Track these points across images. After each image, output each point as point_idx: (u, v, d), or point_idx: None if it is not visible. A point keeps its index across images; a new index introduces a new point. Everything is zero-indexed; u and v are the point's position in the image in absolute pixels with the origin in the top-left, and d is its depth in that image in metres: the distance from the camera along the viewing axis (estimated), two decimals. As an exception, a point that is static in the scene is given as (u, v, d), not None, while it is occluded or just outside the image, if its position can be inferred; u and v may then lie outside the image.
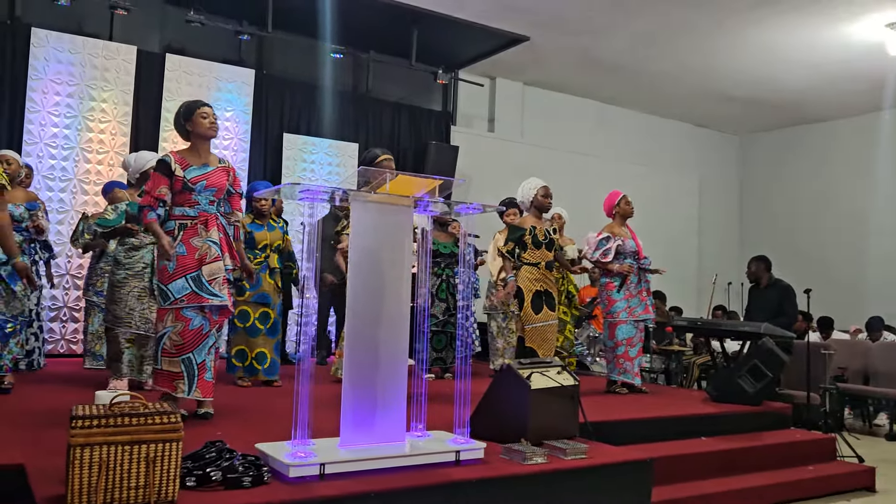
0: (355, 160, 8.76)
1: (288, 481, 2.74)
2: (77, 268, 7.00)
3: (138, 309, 4.69)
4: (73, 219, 6.99)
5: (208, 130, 3.90)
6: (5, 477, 2.80)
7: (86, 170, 7.18)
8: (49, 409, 4.12)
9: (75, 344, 6.94)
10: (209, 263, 3.80)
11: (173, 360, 3.75)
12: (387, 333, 3.16)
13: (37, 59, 7.03)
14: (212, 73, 7.92)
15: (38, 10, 7.23)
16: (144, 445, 2.39)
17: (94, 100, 7.26)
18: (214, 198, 3.92)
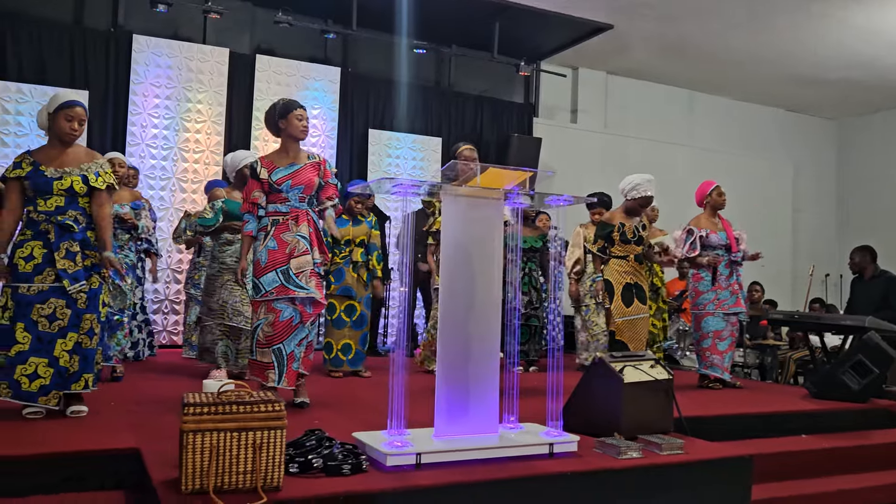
0: (439, 154, 8.83)
1: (385, 470, 2.80)
2: (177, 262, 7.33)
3: (230, 301, 4.88)
4: (173, 216, 7.33)
5: (300, 133, 4.04)
6: (122, 460, 2.97)
7: (183, 168, 7.51)
8: (157, 396, 4.35)
9: (176, 335, 7.28)
10: (297, 257, 3.93)
11: (265, 350, 3.89)
12: (478, 326, 3.18)
13: (138, 64, 7.39)
14: (299, 72, 8.13)
15: (138, 18, 7.59)
16: (251, 433, 2.49)
17: (190, 101, 7.57)
18: (304, 194, 4.03)
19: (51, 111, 3.60)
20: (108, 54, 7.38)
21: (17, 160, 3.59)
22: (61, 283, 3.50)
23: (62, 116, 3.58)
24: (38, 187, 3.54)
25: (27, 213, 3.60)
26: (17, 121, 6.88)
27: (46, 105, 3.65)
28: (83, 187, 3.59)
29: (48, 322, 3.48)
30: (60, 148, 3.64)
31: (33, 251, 3.50)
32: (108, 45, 7.39)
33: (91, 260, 3.61)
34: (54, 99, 3.64)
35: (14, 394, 3.44)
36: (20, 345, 3.45)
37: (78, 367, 3.55)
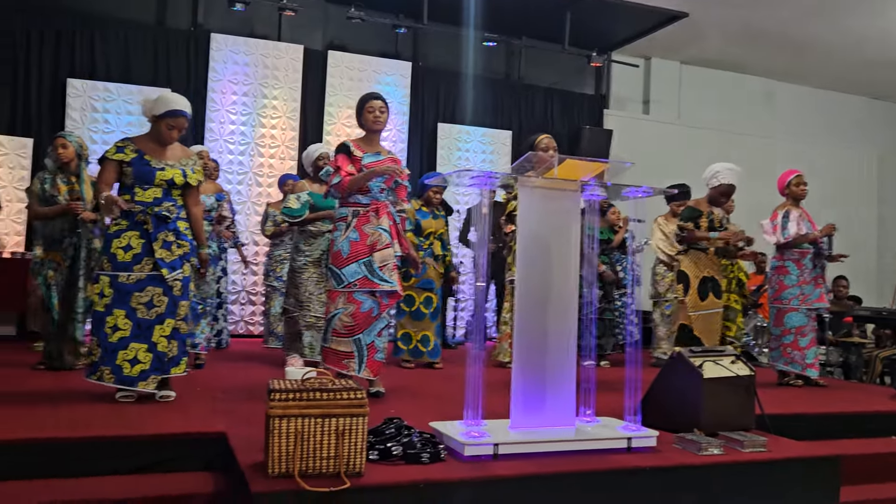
0: (509, 148, 8.80)
1: (463, 459, 2.82)
2: (253, 255, 7.53)
3: (316, 293, 5.00)
4: (250, 209, 7.54)
5: (372, 125, 4.10)
6: (210, 444, 3.09)
7: (259, 163, 7.71)
8: (239, 383, 4.50)
9: (252, 325, 7.51)
10: (380, 250, 3.98)
11: (344, 340, 3.96)
12: (555, 318, 3.17)
13: (216, 62, 7.62)
14: (371, 67, 8.23)
15: (216, 17, 7.82)
16: (334, 419, 2.55)
17: (266, 97, 7.76)
18: (385, 185, 4.09)
19: (156, 114, 3.72)
20: (188, 53, 7.64)
21: (120, 145, 3.73)
22: (158, 272, 3.65)
23: (165, 124, 3.72)
24: (141, 176, 3.68)
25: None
26: (105, 118, 7.19)
27: (154, 102, 3.75)
28: (182, 181, 3.75)
29: (146, 309, 3.64)
30: (159, 144, 3.78)
31: (131, 241, 3.65)
32: (188, 44, 7.65)
33: (183, 249, 3.76)
34: (162, 101, 3.75)
35: (117, 378, 3.60)
36: (121, 331, 3.60)
37: (176, 351, 3.71)
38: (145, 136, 3.81)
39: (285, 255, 5.94)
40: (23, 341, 6.14)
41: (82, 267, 4.67)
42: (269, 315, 6.25)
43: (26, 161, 6.97)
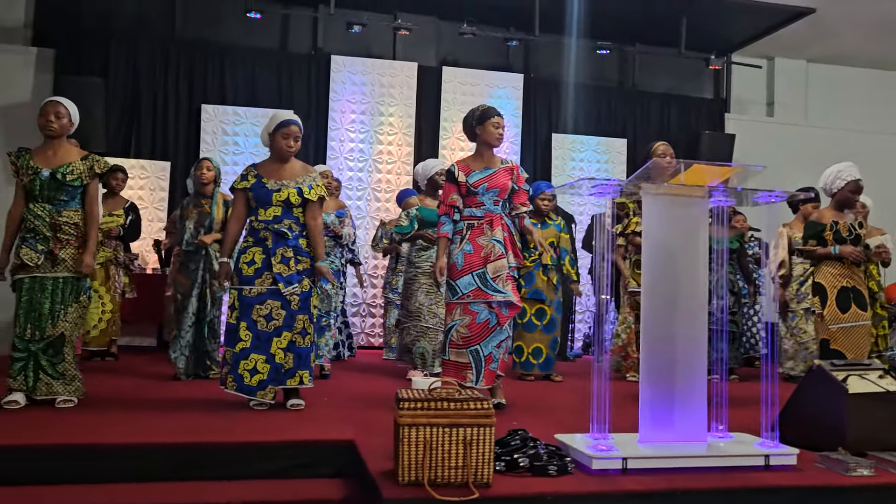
0: (624, 156, 8.64)
1: (591, 473, 2.77)
2: (372, 268, 7.75)
3: (427, 304, 5.08)
4: (368, 224, 7.76)
5: (496, 140, 4.12)
6: (340, 451, 3.18)
7: (377, 179, 7.94)
8: (364, 393, 4.63)
9: (373, 337, 7.71)
10: (494, 261, 3.99)
11: (461, 351, 3.98)
12: (684, 330, 3.07)
13: (335, 83, 7.92)
14: (483, 80, 8.31)
15: (335, 40, 8.14)
16: (462, 429, 2.57)
17: (383, 115, 7.99)
18: (498, 198, 4.10)
19: (270, 131, 3.96)
20: (309, 75, 7.98)
21: (244, 173, 3.98)
22: (277, 286, 3.83)
23: (279, 135, 3.93)
24: (259, 198, 3.90)
25: (249, 221, 3.98)
26: (234, 140, 7.63)
27: (266, 125, 4.00)
28: (298, 199, 3.92)
29: (265, 321, 3.83)
30: (280, 163, 3.98)
31: (254, 257, 3.87)
32: (309, 66, 8.00)
33: (303, 265, 3.92)
34: (273, 119, 3.99)
35: (238, 387, 3.82)
36: (243, 342, 3.82)
37: (292, 364, 3.87)
38: (267, 161, 4.03)
39: (401, 267, 6.07)
40: (163, 352, 6.57)
41: (197, 287, 4.94)
42: (386, 327, 6.40)
43: (165, 183, 7.48)
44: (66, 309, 3.75)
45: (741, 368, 6.15)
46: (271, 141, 3.96)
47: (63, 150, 3.87)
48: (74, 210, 3.84)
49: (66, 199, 3.81)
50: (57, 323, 3.73)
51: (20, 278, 3.73)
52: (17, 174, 3.80)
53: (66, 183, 3.78)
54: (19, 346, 3.71)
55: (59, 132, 3.85)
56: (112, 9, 7.46)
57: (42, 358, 3.72)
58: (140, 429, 3.33)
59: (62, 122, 3.85)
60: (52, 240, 3.74)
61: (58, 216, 3.77)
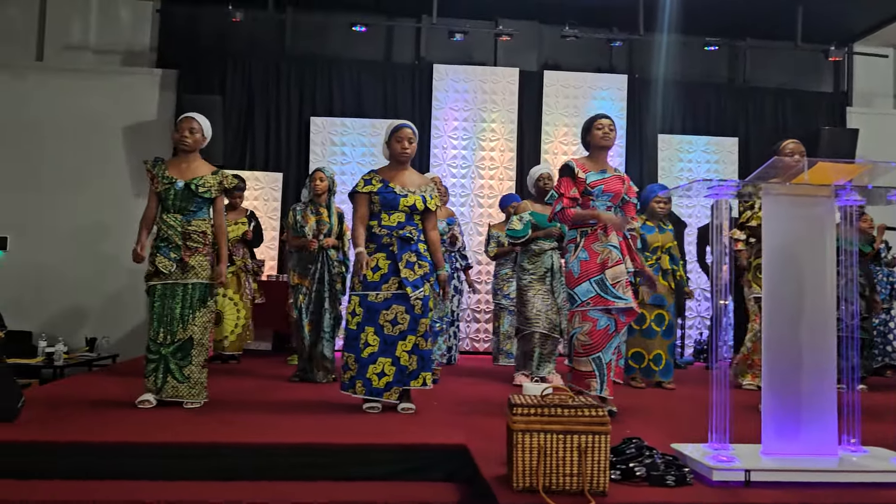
0: (735, 156, 8.30)
1: (711, 484, 2.67)
2: (476, 273, 7.78)
3: (544, 310, 5.05)
4: (472, 230, 7.81)
5: (601, 140, 4.06)
6: (452, 455, 3.21)
7: (480, 185, 7.98)
8: (473, 398, 4.65)
9: (478, 342, 7.74)
10: (612, 267, 3.92)
11: (583, 359, 3.93)
12: (810, 337, 2.91)
13: (438, 91, 8.03)
14: (586, 83, 8.20)
15: (437, 49, 8.25)
16: (576, 436, 2.53)
17: (485, 121, 8.03)
18: (611, 203, 4.04)
19: (386, 139, 4.06)
20: (412, 85, 8.13)
21: (367, 177, 4.07)
22: (402, 291, 3.92)
23: (394, 139, 4.04)
24: (386, 202, 3.99)
25: (370, 228, 4.04)
26: (342, 150, 7.86)
27: (384, 135, 4.11)
28: (422, 206, 4.01)
29: (391, 326, 3.92)
30: (400, 169, 4.08)
31: (379, 262, 3.96)
32: (412, 76, 8.14)
33: (423, 270, 4.00)
34: (387, 128, 4.10)
35: (367, 390, 3.91)
36: (371, 347, 3.92)
37: (416, 365, 3.95)
38: (387, 168, 4.12)
39: (511, 273, 6.07)
40: (278, 355, 6.85)
41: (326, 290, 5.10)
42: (498, 333, 6.41)
43: (277, 193, 7.80)
44: (195, 313, 3.97)
45: (870, 378, 5.78)
46: (389, 147, 4.06)
47: (196, 164, 4.12)
48: (202, 220, 4.07)
49: (195, 210, 4.05)
50: (187, 327, 3.95)
51: (154, 284, 3.98)
52: (152, 181, 4.06)
53: (197, 194, 4.02)
54: (152, 349, 3.96)
55: (192, 146, 4.10)
56: (228, 31, 7.86)
57: (171, 361, 3.94)
58: (260, 429, 3.47)
59: (195, 137, 4.09)
60: (182, 248, 3.97)
61: (188, 225, 4.01)
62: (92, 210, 7.71)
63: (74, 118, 7.75)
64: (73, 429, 3.35)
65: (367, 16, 7.91)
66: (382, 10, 8.12)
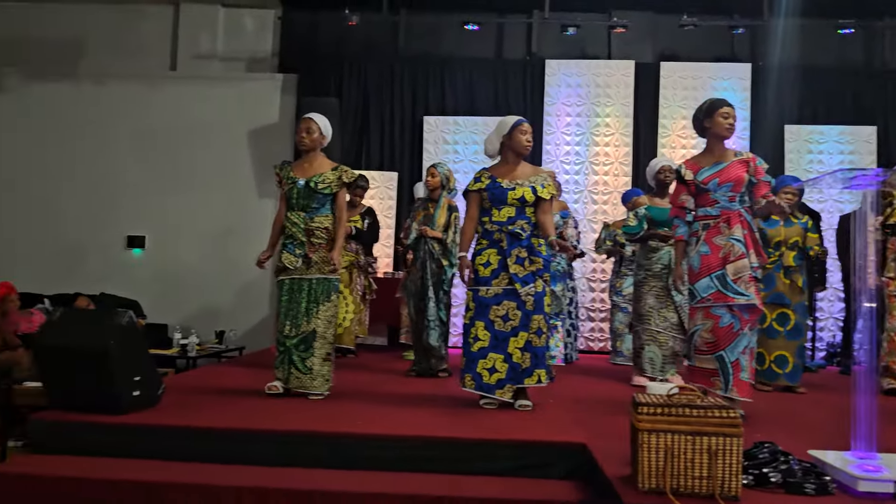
0: (873, 146, 7.73)
1: (856, 495, 2.49)
2: (591, 272, 7.65)
3: (657, 308, 4.91)
4: (585, 227, 7.67)
5: (726, 131, 3.88)
6: (571, 453, 3.16)
7: (594, 181, 7.83)
8: (591, 396, 4.59)
9: (593, 341, 7.61)
10: (733, 262, 3.74)
11: (705, 357, 3.78)
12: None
13: (550, 87, 7.94)
14: (706, 73, 7.88)
15: (549, 44, 8.17)
16: (706, 437, 2.43)
17: (599, 116, 7.87)
18: (734, 193, 3.84)
19: (504, 133, 4.02)
20: (524, 81, 8.08)
21: (477, 176, 4.08)
22: (513, 287, 3.88)
23: (517, 132, 4.00)
24: (494, 198, 3.97)
25: (482, 223, 4.04)
26: (455, 149, 7.93)
27: (496, 131, 4.08)
28: (532, 197, 3.96)
29: (502, 322, 3.90)
30: (513, 164, 4.05)
31: (489, 258, 3.95)
32: (524, 72, 8.09)
33: (536, 265, 3.94)
34: (503, 123, 4.06)
35: (477, 385, 3.91)
36: (481, 342, 3.91)
37: (529, 363, 3.89)
38: (499, 164, 4.10)
39: (626, 270, 5.93)
40: (394, 350, 6.99)
41: (430, 278, 5.14)
42: (613, 331, 6.28)
43: (392, 192, 7.96)
44: (319, 307, 4.11)
45: None
46: (510, 140, 4.01)
47: (317, 162, 4.26)
48: (325, 216, 4.20)
49: (317, 207, 4.19)
50: (311, 320, 4.10)
51: (282, 279, 4.16)
52: (280, 184, 4.25)
53: (317, 191, 4.16)
54: (280, 341, 4.14)
55: (311, 146, 4.25)
56: (344, 35, 8.10)
57: (294, 353, 4.10)
58: (380, 420, 3.55)
59: (313, 137, 4.24)
60: (307, 244, 4.12)
61: (311, 222, 4.16)
62: (220, 210, 8.15)
63: (204, 123, 8.22)
64: (207, 415, 3.55)
65: (478, 14, 7.93)
66: (494, 7, 8.12)
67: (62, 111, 8.30)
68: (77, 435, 3.31)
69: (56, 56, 8.39)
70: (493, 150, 4.10)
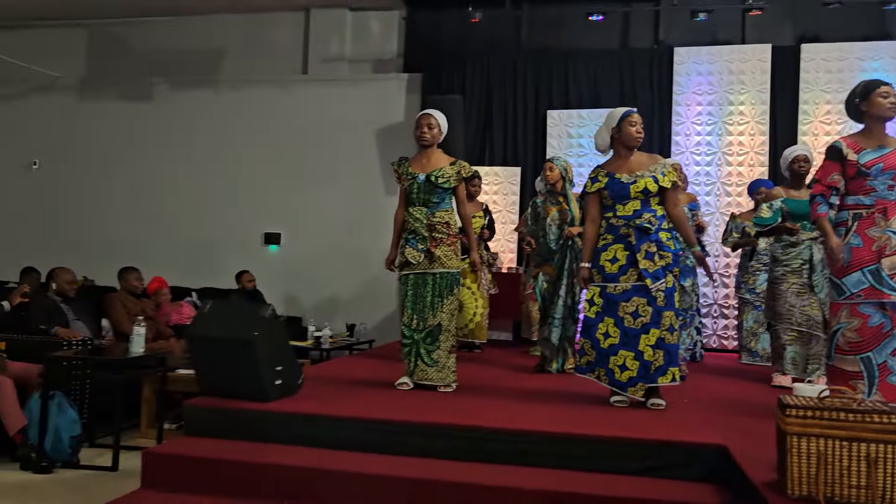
0: None
1: None
2: (724, 266, 7.32)
3: (798, 305, 4.64)
4: (718, 220, 7.35)
5: (887, 111, 3.57)
6: (708, 455, 3.05)
7: (727, 172, 7.48)
8: (724, 396, 4.40)
9: (726, 339, 7.28)
10: (889, 256, 3.46)
11: (848, 357, 3.53)
12: None
13: (679, 76, 7.66)
14: (852, 53, 7.34)
15: (678, 31, 7.89)
16: (864, 444, 2.28)
17: (732, 104, 7.51)
18: (893, 182, 3.55)
19: (613, 125, 3.92)
20: (651, 71, 7.83)
21: (593, 175, 3.99)
22: (642, 282, 3.78)
23: (627, 123, 3.88)
24: (616, 194, 3.87)
25: (606, 219, 3.95)
26: (579, 143, 7.81)
27: (605, 124, 3.98)
28: (655, 187, 3.83)
29: (632, 319, 3.79)
30: (626, 157, 3.94)
31: (616, 254, 3.85)
32: (651, 62, 7.85)
33: (665, 260, 3.81)
34: (612, 116, 3.95)
35: (609, 381, 3.84)
36: (611, 338, 3.82)
37: (662, 361, 3.77)
38: (612, 159, 4.00)
39: (759, 266, 5.64)
40: (519, 345, 6.99)
41: (565, 277, 5.08)
42: (742, 329, 5.99)
43: (515, 187, 7.95)
44: (444, 301, 4.18)
45: None
46: (620, 132, 3.90)
47: (435, 157, 4.33)
48: (445, 211, 4.27)
49: (437, 202, 4.26)
50: (436, 314, 4.17)
51: (406, 274, 4.25)
52: (399, 180, 4.35)
53: (438, 186, 4.22)
54: (406, 335, 4.23)
55: (430, 141, 4.32)
56: (467, 32, 8.17)
57: (421, 346, 4.18)
58: (510, 415, 3.55)
59: (433, 132, 4.31)
60: (428, 239, 4.20)
61: (432, 217, 4.23)
62: (349, 207, 8.44)
63: (333, 124, 8.53)
64: (345, 404, 3.68)
65: (603, 4, 7.77)
66: (619, -4, 7.95)
67: (204, 116, 8.87)
68: (226, 420, 3.53)
69: (198, 65, 8.97)
70: (605, 145, 4.00)
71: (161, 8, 8.80)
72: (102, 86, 9.18)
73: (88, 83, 9.25)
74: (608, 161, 4.03)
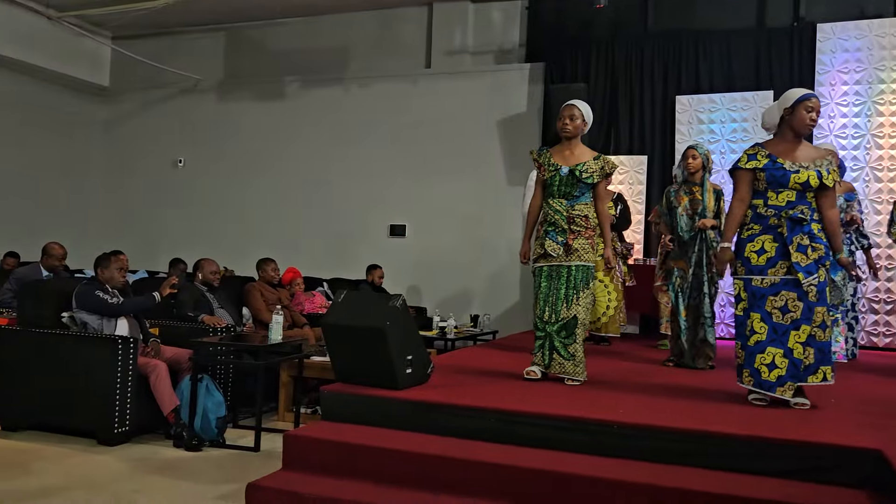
0: None
1: None
2: (874, 258, 6.80)
3: None
4: (867, 207, 6.84)
5: None
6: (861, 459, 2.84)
7: (878, 156, 6.93)
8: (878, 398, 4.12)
9: (876, 336, 6.74)
10: None
11: None
12: None
13: (822, 54, 7.17)
14: None
15: (820, 5, 7.38)
16: None
17: (884, 82, 6.95)
18: None
19: (787, 106, 3.65)
20: (790, 50, 7.38)
21: (751, 152, 3.71)
22: (793, 276, 3.55)
23: (802, 108, 3.61)
24: (773, 179, 3.61)
25: (754, 207, 3.70)
26: (710, 129, 7.48)
27: (778, 102, 3.72)
28: (817, 182, 3.58)
29: (781, 314, 3.56)
30: (793, 142, 3.68)
31: (764, 245, 3.63)
32: (790, 40, 7.39)
33: (818, 253, 3.57)
34: (788, 95, 3.68)
35: (755, 381, 3.60)
36: (758, 335, 3.60)
37: (813, 359, 3.55)
38: (776, 140, 3.73)
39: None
40: (647, 339, 6.80)
41: (705, 272, 4.86)
42: (896, 327, 5.55)
43: (642, 177, 7.72)
44: (579, 294, 4.11)
45: None
46: (791, 115, 3.63)
47: (579, 150, 4.24)
48: (584, 204, 4.19)
49: (578, 195, 4.18)
50: (571, 306, 4.10)
51: (540, 266, 4.21)
52: (539, 170, 4.29)
53: (581, 180, 4.15)
54: (539, 326, 4.20)
55: (573, 133, 4.24)
56: (590, 19, 8.00)
57: (556, 339, 4.13)
58: (642, 410, 3.46)
59: (576, 123, 4.22)
60: (567, 232, 4.13)
61: (572, 210, 4.16)
62: (472, 198, 8.49)
63: (456, 116, 8.61)
64: (474, 394, 3.71)
65: (737, -19, 7.40)
66: (756, -29, 7.52)
67: (333, 112, 9.18)
68: (359, 406, 3.65)
69: (326, 63, 9.30)
70: (772, 123, 3.75)
71: (295, 9, 9.18)
72: (239, 86, 9.71)
73: (226, 84, 9.81)
74: (771, 141, 3.76)
